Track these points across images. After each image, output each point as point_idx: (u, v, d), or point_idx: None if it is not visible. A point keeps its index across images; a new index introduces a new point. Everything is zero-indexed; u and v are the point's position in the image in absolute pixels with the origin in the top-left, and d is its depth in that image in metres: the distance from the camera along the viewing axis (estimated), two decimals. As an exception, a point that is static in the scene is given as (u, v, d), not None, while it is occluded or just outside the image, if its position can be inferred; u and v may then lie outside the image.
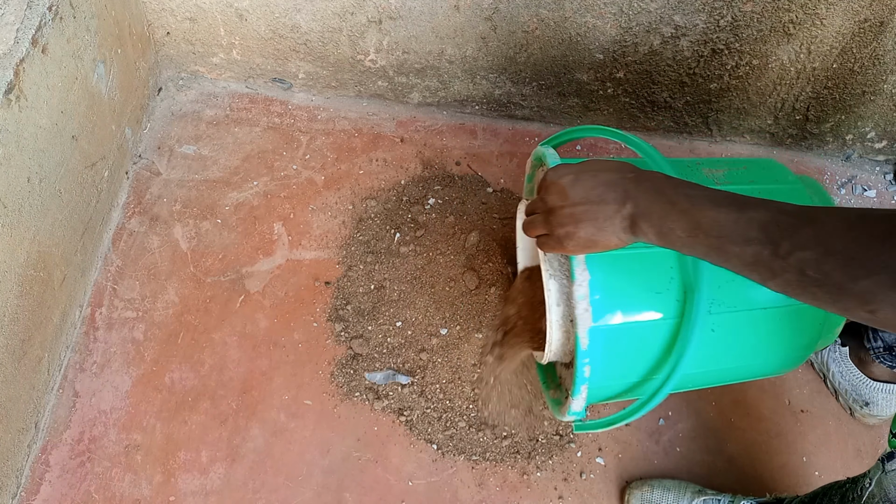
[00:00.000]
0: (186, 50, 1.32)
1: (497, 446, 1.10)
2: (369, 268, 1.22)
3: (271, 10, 1.21)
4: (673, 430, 1.13)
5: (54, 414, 1.07)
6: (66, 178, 1.04)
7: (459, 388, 1.12)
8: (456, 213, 1.28)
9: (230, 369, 1.13)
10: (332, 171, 1.31)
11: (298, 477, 1.06)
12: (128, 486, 1.03)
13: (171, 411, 1.09)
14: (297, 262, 1.22)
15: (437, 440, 1.09)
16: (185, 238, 1.22)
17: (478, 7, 1.16)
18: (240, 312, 1.17)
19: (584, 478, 1.09)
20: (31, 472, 1.03)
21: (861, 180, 1.40)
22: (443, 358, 1.14)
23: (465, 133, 1.39)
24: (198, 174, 1.29)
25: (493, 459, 1.09)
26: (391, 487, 1.06)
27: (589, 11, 1.15)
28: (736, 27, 1.15)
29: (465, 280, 1.20)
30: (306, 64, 1.32)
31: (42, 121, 0.96)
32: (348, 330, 1.16)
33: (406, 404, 1.11)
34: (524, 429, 1.11)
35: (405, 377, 1.11)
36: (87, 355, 1.11)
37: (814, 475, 1.12)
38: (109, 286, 1.17)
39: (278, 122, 1.36)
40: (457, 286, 1.20)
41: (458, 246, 1.24)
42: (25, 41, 0.90)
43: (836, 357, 1.13)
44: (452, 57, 1.27)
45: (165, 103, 1.36)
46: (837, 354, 1.13)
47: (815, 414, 1.16)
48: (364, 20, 1.21)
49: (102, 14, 1.10)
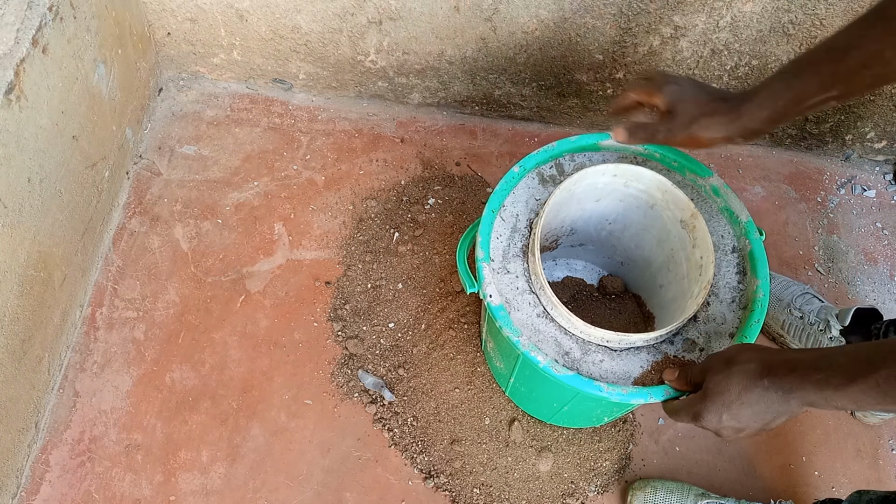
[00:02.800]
0: (187, 50, 1.32)
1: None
2: (367, 267, 1.22)
3: (272, 10, 1.21)
4: (673, 429, 1.13)
5: (54, 414, 1.07)
6: (67, 179, 1.04)
7: (437, 416, 1.11)
8: (455, 213, 1.28)
9: (231, 369, 1.13)
10: (333, 172, 1.32)
11: (299, 476, 1.06)
12: (128, 486, 1.03)
13: (171, 411, 1.09)
14: (297, 262, 1.22)
15: (419, 461, 1.08)
16: (186, 238, 1.23)
17: (478, 8, 1.16)
18: (240, 312, 1.17)
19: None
20: (32, 471, 1.03)
21: (861, 180, 1.41)
22: (425, 372, 1.13)
23: (464, 133, 1.39)
24: (198, 174, 1.29)
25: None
26: (391, 487, 1.06)
27: (588, 12, 1.15)
28: (735, 27, 1.15)
29: (451, 282, 1.20)
30: (307, 64, 1.32)
31: (42, 121, 0.96)
32: (345, 330, 1.17)
33: (389, 419, 1.11)
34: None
35: (389, 393, 1.11)
36: (87, 355, 1.12)
37: (813, 475, 1.12)
38: (110, 286, 1.17)
39: (279, 122, 1.36)
40: (445, 287, 1.20)
41: (454, 245, 1.24)
42: (26, 41, 0.90)
43: None
44: (452, 58, 1.27)
45: (166, 104, 1.36)
46: None
47: (815, 414, 1.16)
48: (364, 21, 1.21)
49: (103, 14, 1.10)
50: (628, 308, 1.11)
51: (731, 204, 0.90)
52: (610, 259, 1.11)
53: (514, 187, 0.91)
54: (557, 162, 0.94)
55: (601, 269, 1.16)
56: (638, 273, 1.07)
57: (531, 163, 0.92)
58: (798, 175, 1.40)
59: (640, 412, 1.14)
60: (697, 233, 0.87)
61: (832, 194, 1.38)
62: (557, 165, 0.93)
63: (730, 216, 0.91)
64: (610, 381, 0.81)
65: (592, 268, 1.16)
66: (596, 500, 1.08)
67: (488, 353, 1.06)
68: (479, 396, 1.11)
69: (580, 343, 0.83)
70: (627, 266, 1.09)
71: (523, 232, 0.89)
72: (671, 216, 0.91)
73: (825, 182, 1.40)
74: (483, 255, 0.85)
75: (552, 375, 0.78)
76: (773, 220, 1.34)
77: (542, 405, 1.04)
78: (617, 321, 1.10)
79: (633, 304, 1.11)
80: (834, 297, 1.27)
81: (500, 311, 0.81)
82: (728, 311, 0.86)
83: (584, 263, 1.16)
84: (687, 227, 0.89)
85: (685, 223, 0.89)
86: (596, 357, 0.83)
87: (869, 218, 1.36)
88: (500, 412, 1.11)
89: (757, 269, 0.86)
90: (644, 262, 1.03)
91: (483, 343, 1.09)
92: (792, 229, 1.34)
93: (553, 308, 0.83)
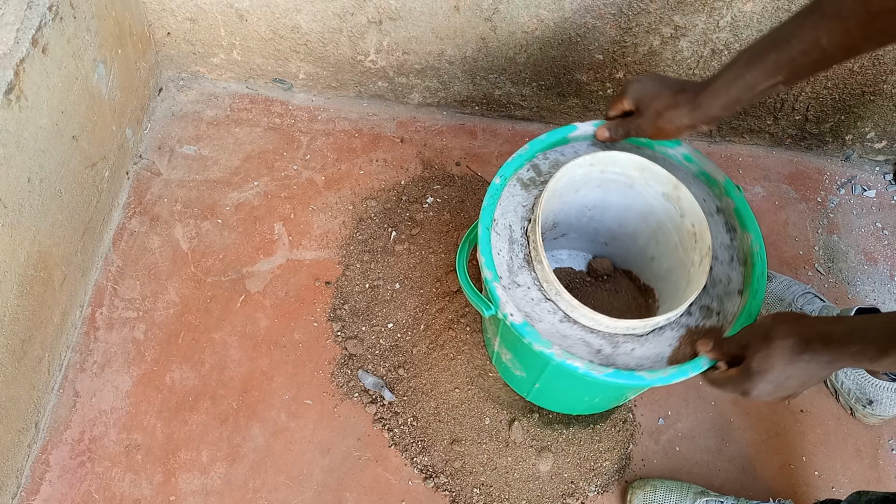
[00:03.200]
0: (187, 50, 1.32)
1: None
2: (365, 266, 1.22)
3: (272, 10, 1.21)
4: (672, 429, 1.13)
5: (54, 414, 1.07)
6: (67, 179, 1.04)
7: (437, 417, 1.11)
8: (453, 211, 1.28)
9: (231, 369, 1.13)
10: (333, 172, 1.32)
11: (299, 476, 1.06)
12: (128, 486, 1.03)
13: (171, 411, 1.09)
14: (297, 262, 1.22)
15: (419, 461, 1.08)
16: (186, 238, 1.23)
17: (478, 8, 1.16)
18: (240, 312, 1.17)
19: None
20: (32, 471, 1.03)
21: (861, 180, 1.41)
22: (425, 372, 1.13)
23: (464, 133, 1.39)
24: (198, 174, 1.29)
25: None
26: (391, 487, 1.06)
27: (589, 12, 1.15)
28: (736, 27, 1.15)
29: (448, 281, 1.20)
30: (307, 64, 1.32)
31: (42, 121, 0.96)
32: (345, 330, 1.17)
33: (389, 419, 1.11)
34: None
35: (389, 393, 1.11)
36: (87, 355, 1.12)
37: (813, 475, 1.12)
38: (110, 286, 1.17)
39: (279, 122, 1.36)
40: (442, 287, 1.20)
41: (450, 243, 1.24)
42: (26, 41, 0.90)
43: None
44: (452, 57, 1.27)
45: (166, 103, 1.36)
46: None
47: (815, 414, 1.16)
48: (364, 21, 1.21)
49: (103, 14, 1.10)
50: (622, 285, 1.11)
51: (706, 167, 0.93)
52: (593, 242, 1.11)
53: (500, 199, 0.90)
54: (533, 163, 0.93)
55: (585, 252, 1.15)
56: (625, 250, 1.08)
57: (509, 171, 0.91)
58: (798, 175, 1.40)
59: (641, 412, 1.14)
60: (684, 202, 0.89)
61: (832, 194, 1.38)
62: (534, 167, 0.93)
63: (707, 179, 0.94)
64: (646, 367, 0.82)
65: (577, 254, 1.15)
66: (596, 500, 1.08)
67: (503, 363, 1.05)
68: (480, 396, 1.11)
69: (608, 337, 0.84)
70: (612, 245, 1.09)
71: (521, 241, 0.88)
72: (652, 192, 0.92)
73: (825, 182, 1.40)
74: (491, 274, 0.84)
75: (593, 378, 0.79)
76: (773, 220, 1.34)
77: (571, 402, 1.05)
78: (616, 301, 1.10)
79: (625, 280, 1.12)
80: (834, 297, 1.27)
81: (526, 328, 0.80)
82: (730, 270, 0.88)
83: (567, 252, 1.16)
84: (671, 198, 0.90)
85: (668, 195, 0.91)
86: (626, 347, 0.83)
87: (869, 218, 1.36)
88: (501, 412, 1.11)
89: (746, 223, 0.89)
90: (629, 238, 1.04)
91: (494, 356, 1.08)
92: (792, 229, 1.34)
93: (573, 311, 0.83)
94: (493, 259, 0.85)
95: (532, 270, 0.86)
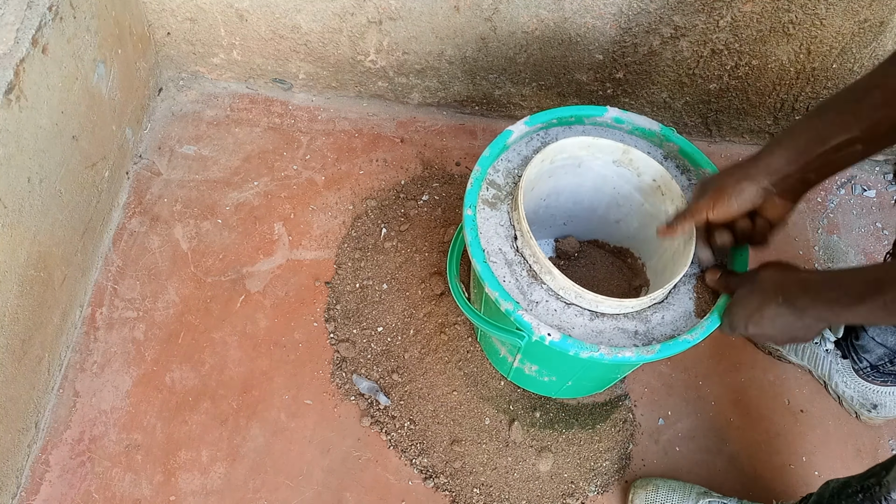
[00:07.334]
0: (187, 50, 1.32)
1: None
2: (356, 265, 1.22)
3: (272, 10, 1.21)
4: (672, 429, 1.13)
5: (54, 414, 1.07)
6: (67, 179, 1.04)
7: (435, 419, 1.11)
8: (447, 208, 1.28)
9: (231, 369, 1.13)
10: (333, 172, 1.32)
11: (299, 476, 1.06)
12: (128, 486, 1.03)
13: (171, 411, 1.09)
14: (297, 262, 1.22)
15: (418, 462, 1.08)
16: (186, 238, 1.23)
17: (478, 8, 1.16)
18: (240, 312, 1.17)
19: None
20: (32, 471, 1.03)
21: (861, 180, 1.41)
22: (420, 377, 1.13)
23: (464, 133, 1.39)
24: (198, 174, 1.29)
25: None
26: (391, 487, 1.06)
27: (588, 12, 1.15)
28: (735, 27, 1.15)
29: (432, 284, 1.19)
30: (307, 64, 1.32)
31: (42, 121, 0.96)
32: (337, 332, 1.16)
33: (386, 423, 1.11)
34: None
35: (385, 398, 1.11)
36: (87, 355, 1.12)
37: (813, 475, 1.12)
38: (110, 286, 1.17)
39: (279, 122, 1.36)
40: (427, 289, 1.19)
41: (437, 241, 1.24)
42: (26, 41, 0.90)
43: (838, 368, 1.13)
44: (452, 57, 1.27)
45: (166, 103, 1.36)
46: (840, 366, 1.13)
47: (815, 414, 1.16)
48: (364, 21, 1.21)
49: (102, 14, 1.10)
50: (594, 256, 1.13)
51: (638, 122, 0.96)
52: (551, 227, 1.12)
53: (478, 228, 0.88)
54: (488, 180, 0.92)
55: (546, 238, 1.15)
56: (584, 223, 1.09)
57: (473, 198, 0.90)
58: (798, 175, 1.40)
59: (641, 412, 1.14)
60: (637, 163, 0.93)
61: (832, 194, 1.38)
62: (491, 184, 0.92)
63: (643, 133, 0.97)
64: (682, 328, 0.85)
65: (540, 242, 1.15)
66: (596, 500, 1.08)
67: (525, 375, 1.04)
68: (479, 397, 1.11)
69: (636, 317, 0.85)
70: (571, 223, 1.11)
71: (517, 260, 0.87)
72: (601, 163, 0.95)
73: (825, 182, 1.39)
74: (512, 305, 0.81)
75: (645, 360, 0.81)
76: (773, 220, 1.34)
77: (602, 384, 1.09)
78: (597, 272, 1.12)
79: (594, 249, 1.13)
80: (834, 297, 1.27)
81: (568, 341, 0.80)
82: None
83: None
84: (622, 163, 0.94)
85: (619, 161, 0.94)
86: (656, 318, 0.85)
87: (869, 218, 1.37)
88: (500, 412, 1.11)
89: (697, 160, 0.94)
90: (587, 211, 1.06)
91: (513, 371, 1.07)
92: (792, 229, 1.34)
93: (599, 304, 0.84)
94: (504, 289, 0.83)
95: (542, 283, 0.86)
